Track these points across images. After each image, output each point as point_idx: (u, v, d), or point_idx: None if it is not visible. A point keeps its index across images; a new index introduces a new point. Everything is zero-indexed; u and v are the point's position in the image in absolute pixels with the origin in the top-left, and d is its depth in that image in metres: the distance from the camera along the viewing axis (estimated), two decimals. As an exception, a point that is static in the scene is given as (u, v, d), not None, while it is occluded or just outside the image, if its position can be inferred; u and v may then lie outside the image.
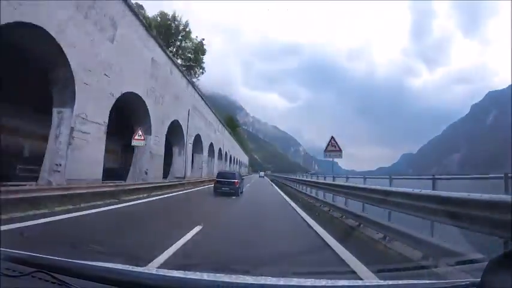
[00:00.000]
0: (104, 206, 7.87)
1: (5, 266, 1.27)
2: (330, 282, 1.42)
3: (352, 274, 3.17)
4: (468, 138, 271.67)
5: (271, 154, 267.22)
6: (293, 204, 11.36)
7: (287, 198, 13.91)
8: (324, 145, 10.36)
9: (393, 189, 4.71)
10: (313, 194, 11.57)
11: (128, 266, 1.49)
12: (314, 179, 13.58)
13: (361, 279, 2.91)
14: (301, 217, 7.98)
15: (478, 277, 1.09)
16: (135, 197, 10.57)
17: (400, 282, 1.46)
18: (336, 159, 10.16)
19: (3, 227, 3.99)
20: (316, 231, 5.83)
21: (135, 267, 1.47)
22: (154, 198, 11.30)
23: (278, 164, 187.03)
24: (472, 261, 2.59)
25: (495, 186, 3.51)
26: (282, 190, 20.38)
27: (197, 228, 5.36)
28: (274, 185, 29.61)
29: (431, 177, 4.52)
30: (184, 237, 4.69)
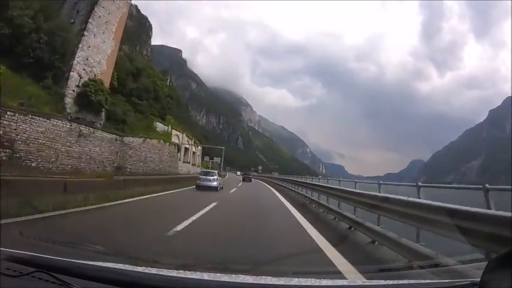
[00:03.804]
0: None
1: (5, 266, 1.27)
2: (330, 282, 1.43)
3: (353, 274, 3.17)
4: (487, 145, 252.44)
5: (278, 154, 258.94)
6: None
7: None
8: (330, 148, 9.77)
9: None
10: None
11: (128, 266, 1.49)
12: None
13: (360, 279, 2.91)
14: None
15: (478, 277, 1.09)
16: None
17: (400, 282, 1.47)
18: (342, 164, 9.58)
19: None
20: None
21: (135, 267, 1.47)
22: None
23: (285, 165, 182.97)
24: (472, 261, 2.59)
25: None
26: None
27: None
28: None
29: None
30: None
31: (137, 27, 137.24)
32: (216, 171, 19.50)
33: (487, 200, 2.86)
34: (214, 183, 16.16)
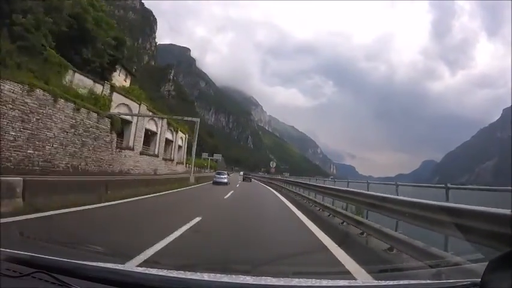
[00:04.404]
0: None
1: (5, 266, 1.27)
2: (330, 283, 1.43)
3: (353, 274, 3.17)
4: (501, 145, 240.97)
5: (288, 154, 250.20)
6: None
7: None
8: (341, 148, 9.45)
9: None
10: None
11: (128, 266, 1.49)
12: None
13: (361, 279, 2.91)
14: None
15: (478, 277, 1.09)
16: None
17: (400, 282, 1.47)
18: (352, 164, 9.27)
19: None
20: None
21: (135, 267, 1.47)
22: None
23: (296, 165, 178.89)
24: (472, 261, 2.59)
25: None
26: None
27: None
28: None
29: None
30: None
31: (140, 20, 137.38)
32: (226, 172, 28.77)
33: None
34: (225, 180, 23.71)
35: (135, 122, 22.96)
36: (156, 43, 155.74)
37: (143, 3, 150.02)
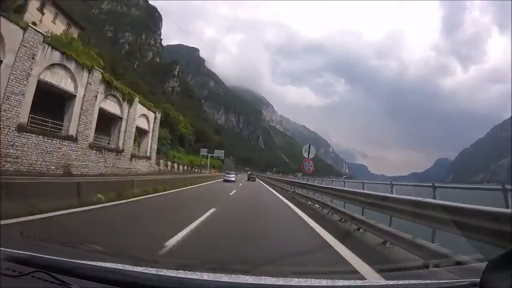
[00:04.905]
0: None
1: (4, 265, 1.27)
2: (330, 282, 1.43)
3: (352, 274, 3.16)
4: None
5: (300, 154, 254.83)
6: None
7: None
8: (353, 147, 9.36)
9: None
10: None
11: (128, 266, 1.49)
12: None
13: (361, 279, 2.91)
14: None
15: (478, 277, 1.09)
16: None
17: (400, 282, 1.47)
18: (364, 164, 8.96)
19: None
20: None
21: (135, 267, 1.47)
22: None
23: None
24: (472, 261, 2.59)
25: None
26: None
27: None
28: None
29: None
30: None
31: (144, 16, 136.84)
32: (233, 172, 34.57)
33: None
34: (233, 178, 29.44)
35: (10, 63, 11.94)
36: (161, 40, 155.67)
37: (147, 0, 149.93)
